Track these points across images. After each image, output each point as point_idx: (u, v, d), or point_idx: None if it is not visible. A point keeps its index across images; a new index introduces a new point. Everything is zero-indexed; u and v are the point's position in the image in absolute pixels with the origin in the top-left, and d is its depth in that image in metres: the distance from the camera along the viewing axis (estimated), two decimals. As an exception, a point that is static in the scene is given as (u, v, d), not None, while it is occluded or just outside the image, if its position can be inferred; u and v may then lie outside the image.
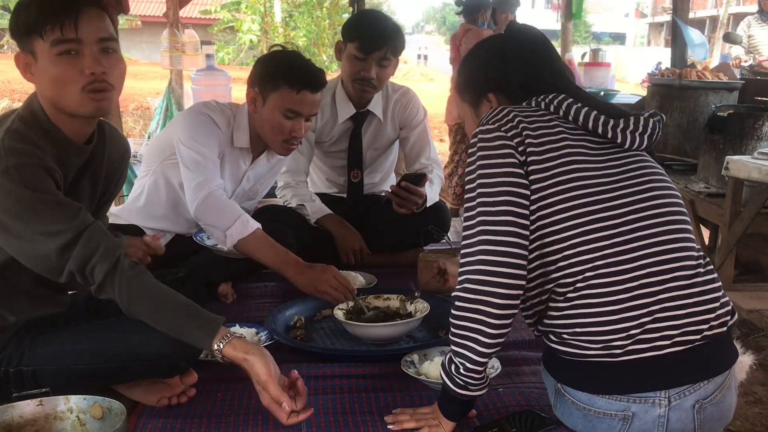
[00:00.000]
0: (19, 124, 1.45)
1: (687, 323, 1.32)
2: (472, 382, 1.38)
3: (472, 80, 1.60)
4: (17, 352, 1.52)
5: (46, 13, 1.42)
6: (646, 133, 1.42)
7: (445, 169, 4.89)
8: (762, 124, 3.44)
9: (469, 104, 1.62)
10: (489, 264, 1.32)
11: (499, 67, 1.55)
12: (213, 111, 2.28)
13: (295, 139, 2.26)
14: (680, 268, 1.34)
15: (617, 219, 1.34)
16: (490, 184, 1.36)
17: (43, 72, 1.45)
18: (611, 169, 1.39)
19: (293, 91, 2.18)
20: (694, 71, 4.21)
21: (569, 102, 1.43)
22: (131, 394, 1.62)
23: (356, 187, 2.88)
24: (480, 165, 1.39)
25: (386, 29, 2.57)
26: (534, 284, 1.40)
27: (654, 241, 1.34)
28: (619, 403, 1.32)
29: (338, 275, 2.06)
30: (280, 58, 2.31)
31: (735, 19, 16.37)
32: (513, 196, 1.34)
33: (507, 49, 1.56)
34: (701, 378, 1.33)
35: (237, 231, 2.08)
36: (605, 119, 1.40)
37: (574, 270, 1.34)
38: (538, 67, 1.52)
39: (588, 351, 1.33)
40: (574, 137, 1.40)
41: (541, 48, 1.55)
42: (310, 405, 1.59)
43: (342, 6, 14.29)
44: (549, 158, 1.37)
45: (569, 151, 1.38)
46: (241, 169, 2.39)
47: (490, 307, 1.32)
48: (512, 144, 1.38)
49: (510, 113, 1.42)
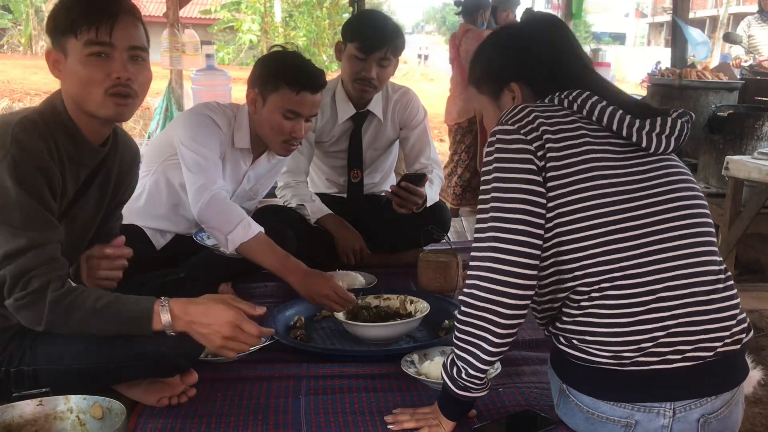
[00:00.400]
0: (36, 116, 1.48)
1: (701, 339, 1.28)
2: (473, 385, 1.38)
3: (491, 70, 1.52)
4: (18, 352, 1.52)
5: (84, 15, 1.47)
6: (673, 135, 1.34)
7: (445, 169, 4.89)
8: (762, 124, 3.44)
9: (488, 96, 1.53)
10: (498, 273, 1.29)
11: (523, 54, 1.46)
12: (214, 112, 2.28)
13: (295, 139, 2.26)
14: (699, 284, 1.30)
15: (638, 230, 1.29)
16: (505, 189, 1.32)
17: (71, 70, 1.50)
18: (634, 175, 1.33)
19: (293, 91, 2.17)
20: (694, 71, 4.21)
21: (594, 100, 1.36)
22: (131, 394, 1.62)
23: (356, 187, 2.88)
24: (496, 168, 1.34)
25: (386, 29, 2.57)
26: (547, 290, 1.38)
27: (675, 255, 1.29)
28: (623, 410, 1.31)
29: (337, 287, 2.03)
30: (279, 58, 2.31)
31: (735, 19, 16.37)
32: (528, 204, 1.30)
33: (530, 35, 1.49)
34: (709, 393, 1.30)
35: (239, 235, 2.07)
36: (630, 121, 1.33)
37: (590, 280, 1.30)
38: (563, 53, 1.45)
39: (596, 358, 1.31)
40: (596, 140, 1.34)
41: (563, 34, 1.48)
42: (310, 405, 1.60)
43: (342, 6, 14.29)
44: (569, 164, 1.31)
45: (591, 157, 1.32)
46: (242, 170, 2.39)
47: (497, 317, 1.30)
48: (531, 149, 1.32)
49: (531, 113, 1.35)
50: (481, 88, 1.55)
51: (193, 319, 1.46)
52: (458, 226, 4.04)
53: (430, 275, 2.31)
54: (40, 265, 1.40)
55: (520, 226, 1.29)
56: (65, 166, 1.51)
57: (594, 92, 1.38)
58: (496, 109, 1.51)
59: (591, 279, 1.30)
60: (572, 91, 1.38)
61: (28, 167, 1.40)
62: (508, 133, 1.34)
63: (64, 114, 1.52)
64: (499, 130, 1.36)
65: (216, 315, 1.47)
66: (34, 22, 19.48)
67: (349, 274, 2.49)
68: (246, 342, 1.50)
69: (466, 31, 4.88)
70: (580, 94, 1.37)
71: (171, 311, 1.45)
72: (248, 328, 1.48)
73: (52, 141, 1.46)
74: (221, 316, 1.46)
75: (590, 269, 1.30)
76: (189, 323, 1.46)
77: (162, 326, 1.45)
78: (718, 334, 1.29)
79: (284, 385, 1.72)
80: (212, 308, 1.48)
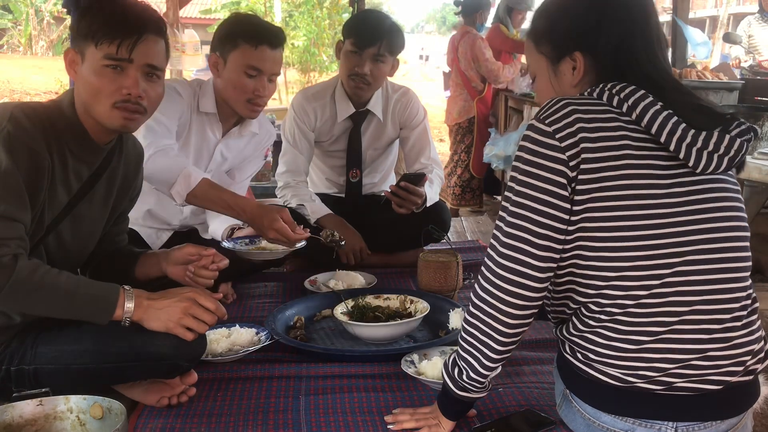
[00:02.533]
0: (39, 107, 1.49)
1: (711, 373, 1.23)
2: (474, 387, 1.38)
3: (557, 31, 1.35)
4: (19, 351, 1.52)
5: (109, 27, 1.47)
6: (728, 155, 1.19)
7: (445, 169, 4.89)
8: (762, 124, 3.44)
9: (547, 58, 1.37)
10: (508, 282, 1.25)
11: (596, 24, 1.29)
12: (179, 83, 2.29)
13: (259, 98, 2.22)
14: (718, 321, 1.22)
15: (660, 259, 1.20)
16: (529, 196, 1.24)
17: (84, 76, 1.51)
18: (673, 197, 1.20)
19: (252, 46, 2.16)
20: (694, 71, 4.21)
21: (647, 103, 1.21)
22: (131, 394, 1.62)
23: (355, 186, 2.88)
24: (525, 171, 1.24)
25: (382, 26, 2.59)
26: (560, 296, 1.35)
27: (697, 290, 1.21)
28: (625, 423, 1.28)
29: (286, 217, 2.05)
30: (236, 19, 2.34)
31: (735, 19, 16.36)
32: (549, 219, 1.23)
33: (608, 4, 1.30)
34: (714, 418, 1.25)
35: (182, 186, 2.02)
36: (681, 134, 1.18)
37: (603, 301, 1.25)
38: (634, 36, 1.28)
39: (600, 375, 1.28)
40: (638, 151, 1.21)
41: (643, 12, 1.30)
42: (310, 405, 1.60)
43: (342, 6, 14.29)
44: (602, 177, 1.21)
45: (628, 173, 1.20)
46: (211, 140, 2.34)
47: (501, 325, 1.28)
48: (563, 158, 1.21)
49: (571, 113, 1.23)
50: (540, 46, 1.38)
51: (152, 304, 1.48)
52: (458, 226, 4.04)
53: (430, 275, 2.30)
54: (13, 238, 1.38)
55: (538, 240, 1.23)
56: (67, 161, 1.51)
57: (654, 87, 1.24)
58: (552, 76, 1.37)
59: (604, 300, 1.25)
60: (626, 86, 1.24)
61: (21, 145, 1.40)
62: (542, 135, 1.24)
63: (71, 112, 1.53)
64: (533, 128, 1.26)
65: (174, 293, 1.51)
66: (34, 22, 19.48)
67: (349, 274, 2.49)
68: (203, 317, 1.50)
69: (464, 33, 4.88)
70: (633, 93, 1.23)
71: (135, 298, 1.47)
72: (205, 301, 1.51)
73: (51, 131, 1.46)
74: (178, 293, 1.51)
75: (605, 290, 1.24)
76: (147, 308, 1.48)
77: (122, 313, 1.46)
78: (731, 368, 1.23)
79: (284, 385, 1.72)
80: (171, 291, 1.53)
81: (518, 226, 1.25)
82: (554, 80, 1.38)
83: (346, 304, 2.08)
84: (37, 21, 19.56)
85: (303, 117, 2.73)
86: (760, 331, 1.28)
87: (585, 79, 1.33)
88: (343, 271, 2.51)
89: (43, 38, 19.82)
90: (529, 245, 1.24)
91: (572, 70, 1.34)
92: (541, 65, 1.39)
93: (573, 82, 1.35)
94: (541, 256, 1.24)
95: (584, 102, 1.26)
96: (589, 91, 1.29)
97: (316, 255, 2.63)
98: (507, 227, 1.26)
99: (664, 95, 1.23)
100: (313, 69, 14.65)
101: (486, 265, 1.29)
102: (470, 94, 4.91)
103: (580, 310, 1.31)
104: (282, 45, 2.23)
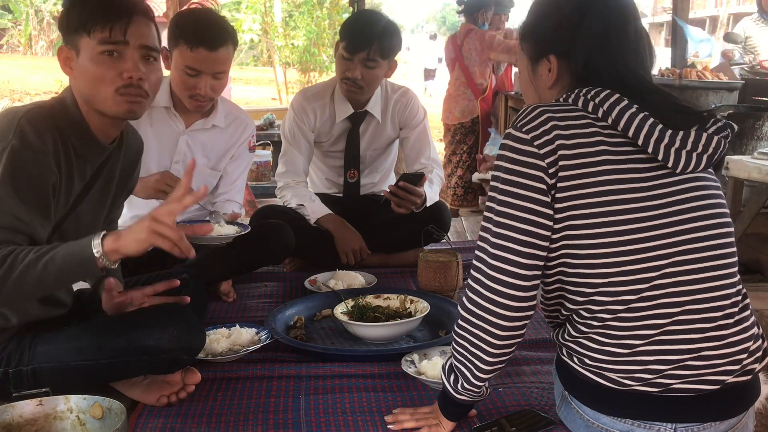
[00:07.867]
0: (46, 111, 1.48)
1: (708, 373, 1.22)
2: (471, 394, 1.38)
3: (536, 32, 1.38)
4: (17, 352, 1.52)
5: (98, 14, 1.47)
6: (706, 153, 1.20)
7: (445, 169, 4.89)
8: (762, 124, 3.45)
9: (527, 56, 1.40)
10: (493, 292, 1.24)
11: (571, 30, 1.30)
12: None
13: (201, 96, 2.23)
14: (710, 320, 1.22)
15: (647, 263, 1.20)
16: (511, 204, 1.24)
17: (82, 68, 1.50)
18: (654, 199, 1.21)
19: (188, 48, 2.17)
20: (694, 71, 4.21)
21: (622, 106, 1.21)
22: (131, 394, 1.62)
23: (353, 187, 2.88)
24: (505, 179, 1.25)
25: (374, 30, 2.54)
26: (552, 302, 1.35)
27: (686, 290, 1.21)
28: (624, 425, 1.28)
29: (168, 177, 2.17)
30: (183, 15, 2.32)
31: (735, 19, 16.36)
32: (531, 226, 1.22)
33: (586, 12, 1.29)
34: (714, 419, 1.25)
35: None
36: (659, 135, 1.19)
37: (593, 308, 1.25)
38: (610, 43, 1.28)
39: (596, 378, 1.28)
40: (616, 155, 1.22)
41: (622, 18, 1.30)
42: (310, 405, 1.60)
43: (342, 6, 14.27)
44: (582, 184, 1.21)
45: (607, 179, 1.21)
46: (175, 131, 2.37)
47: (491, 337, 1.27)
48: (543, 165, 1.21)
49: (547, 121, 1.23)
50: (524, 43, 1.41)
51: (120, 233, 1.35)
52: (458, 226, 4.03)
53: (430, 275, 2.30)
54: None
55: (522, 247, 1.23)
56: (72, 163, 1.51)
57: (630, 90, 1.25)
58: (531, 74, 1.39)
59: (593, 306, 1.25)
60: (601, 90, 1.24)
61: (24, 161, 1.39)
62: (520, 142, 1.24)
63: (74, 111, 1.52)
64: (511, 136, 1.26)
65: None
66: (34, 22, 19.49)
67: (349, 274, 2.49)
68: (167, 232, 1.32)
69: (468, 31, 4.89)
70: (608, 97, 1.23)
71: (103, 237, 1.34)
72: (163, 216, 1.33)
73: (59, 137, 1.46)
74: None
75: (593, 297, 1.24)
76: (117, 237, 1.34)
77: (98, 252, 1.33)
78: (727, 368, 1.23)
79: (284, 384, 1.72)
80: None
81: (503, 236, 1.24)
82: (533, 79, 1.39)
83: (346, 303, 2.08)
84: (37, 21, 19.57)
85: (303, 117, 2.73)
86: (755, 329, 1.28)
87: (560, 81, 1.35)
88: (343, 271, 2.51)
89: (43, 38, 19.83)
90: (513, 254, 1.23)
91: (548, 72, 1.35)
92: (523, 63, 1.42)
93: (548, 83, 1.37)
94: (527, 264, 1.23)
95: (560, 109, 1.26)
96: (565, 96, 1.30)
97: (317, 255, 2.64)
98: (493, 237, 1.25)
99: (640, 97, 1.24)
100: (313, 69, 14.63)
101: (473, 277, 1.29)
102: (474, 93, 4.91)
103: (572, 316, 1.31)
104: (225, 44, 2.20)
